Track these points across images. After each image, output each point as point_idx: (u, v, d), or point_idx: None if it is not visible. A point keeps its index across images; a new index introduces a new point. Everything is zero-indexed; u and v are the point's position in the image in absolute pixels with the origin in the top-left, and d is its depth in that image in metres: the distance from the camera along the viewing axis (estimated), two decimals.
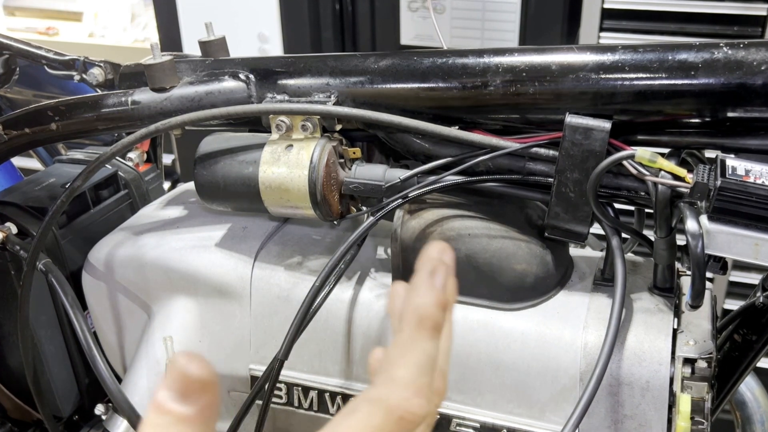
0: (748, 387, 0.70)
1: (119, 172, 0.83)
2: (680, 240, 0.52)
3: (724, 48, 0.52)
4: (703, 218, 0.52)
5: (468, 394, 0.60)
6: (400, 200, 0.60)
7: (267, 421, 0.63)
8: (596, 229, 0.58)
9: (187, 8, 1.76)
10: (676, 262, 0.60)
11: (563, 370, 0.57)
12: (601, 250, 0.64)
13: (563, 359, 0.57)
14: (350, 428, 0.30)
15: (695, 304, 0.54)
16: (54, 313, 0.76)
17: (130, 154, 0.86)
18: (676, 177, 0.53)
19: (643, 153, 0.53)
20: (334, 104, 0.61)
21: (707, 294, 0.56)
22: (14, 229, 0.72)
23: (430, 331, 0.32)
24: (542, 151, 0.58)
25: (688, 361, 0.54)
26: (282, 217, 0.72)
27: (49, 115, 0.67)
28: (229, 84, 0.64)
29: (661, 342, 0.56)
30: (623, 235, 0.58)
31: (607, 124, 0.55)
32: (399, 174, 0.61)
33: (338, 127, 0.62)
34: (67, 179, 0.79)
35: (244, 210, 0.68)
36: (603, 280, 0.61)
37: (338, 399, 0.64)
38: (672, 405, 0.55)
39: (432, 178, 0.60)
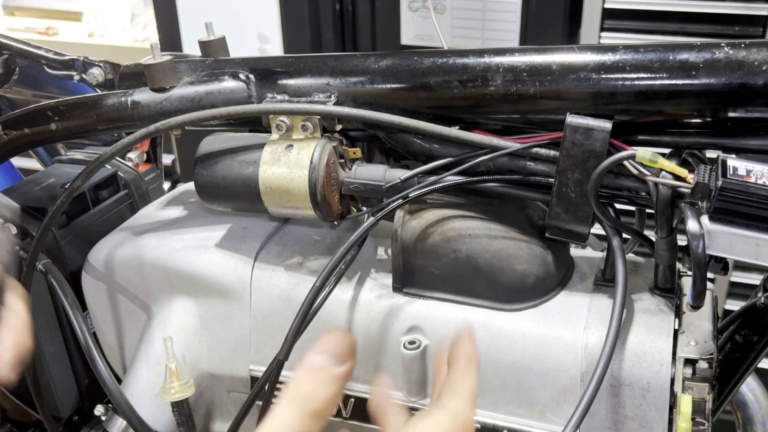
0: (749, 388, 0.70)
1: (119, 173, 0.83)
2: (681, 240, 0.52)
3: (726, 48, 0.52)
4: (704, 218, 0.51)
5: None
6: (400, 200, 0.60)
7: None
8: (597, 229, 0.58)
9: (187, 8, 1.76)
10: (677, 263, 0.60)
11: (564, 370, 0.57)
12: (602, 251, 0.64)
13: (564, 360, 0.57)
14: (426, 428, 0.39)
15: (696, 305, 0.54)
16: (54, 314, 0.75)
17: (130, 155, 0.86)
18: (677, 177, 0.53)
19: (643, 153, 0.53)
20: (334, 104, 0.61)
21: (708, 294, 0.56)
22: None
23: (476, 370, 0.43)
24: (543, 151, 0.58)
25: (689, 362, 0.53)
26: (282, 218, 0.72)
27: (48, 115, 0.67)
28: (229, 84, 0.64)
29: (662, 343, 0.56)
30: (624, 235, 0.58)
31: (607, 124, 0.55)
32: (399, 174, 0.61)
33: (338, 127, 0.62)
34: (67, 179, 0.79)
35: (244, 210, 0.68)
36: (604, 281, 0.61)
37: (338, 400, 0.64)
38: (673, 406, 0.55)
39: (432, 178, 0.60)
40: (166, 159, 1.98)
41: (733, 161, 0.52)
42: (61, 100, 0.67)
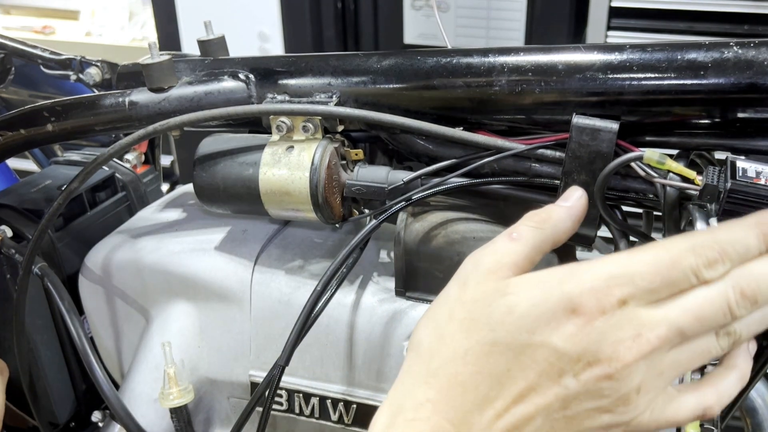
0: (759, 393, 0.69)
1: (117, 174, 0.82)
2: None
3: (734, 47, 0.51)
4: (713, 221, 0.50)
5: None
6: (403, 203, 0.59)
7: (267, 428, 0.62)
8: (604, 232, 0.57)
9: (185, 7, 1.75)
10: None
11: None
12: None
13: None
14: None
15: None
16: (50, 318, 0.75)
17: (128, 156, 0.85)
18: (685, 179, 0.52)
19: (651, 154, 0.52)
20: (335, 105, 0.60)
21: None
22: (9, 232, 0.71)
23: (752, 227, 0.39)
24: (548, 152, 0.57)
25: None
26: (283, 220, 0.71)
27: (45, 115, 0.66)
28: (228, 84, 0.63)
29: None
30: (631, 238, 0.57)
31: (614, 125, 0.54)
32: (402, 176, 0.60)
33: (340, 128, 0.61)
34: (64, 181, 0.78)
35: (244, 212, 0.67)
36: None
37: (340, 406, 0.63)
38: None
39: (436, 180, 0.59)
40: (165, 160, 1.97)
41: (742, 163, 0.51)
42: (58, 100, 0.66)
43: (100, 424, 0.74)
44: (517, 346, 0.37)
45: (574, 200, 0.45)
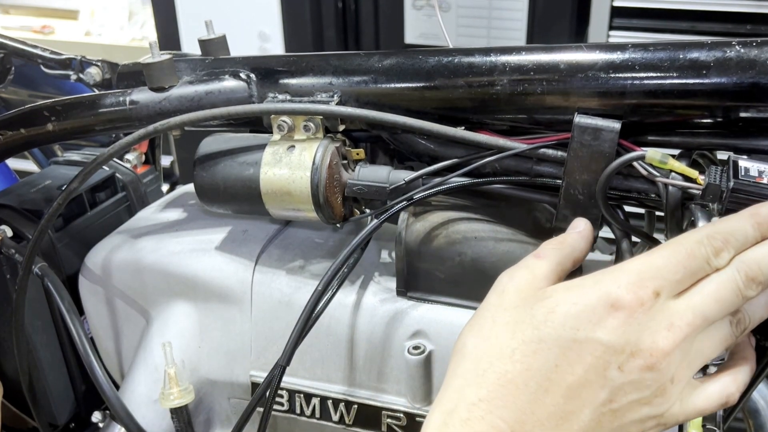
0: (761, 395, 0.68)
1: (117, 174, 0.82)
2: None
3: (737, 47, 0.51)
4: (715, 220, 0.50)
5: None
6: (404, 203, 0.59)
7: (268, 429, 0.62)
8: (605, 232, 0.57)
9: (186, 6, 1.75)
10: None
11: None
12: (611, 254, 0.63)
13: None
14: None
15: None
16: (50, 319, 0.74)
17: (128, 156, 0.85)
18: (687, 178, 0.52)
19: (653, 154, 0.52)
20: (337, 104, 0.59)
21: None
22: (9, 232, 0.71)
23: (749, 217, 0.43)
24: (550, 152, 0.57)
25: (700, 368, 0.52)
26: (284, 220, 0.71)
27: (44, 115, 0.66)
28: (229, 83, 0.63)
29: None
30: (633, 238, 0.57)
31: (616, 125, 0.54)
32: (403, 176, 0.60)
33: (341, 128, 0.61)
34: (64, 181, 0.78)
35: (244, 212, 0.67)
36: None
37: (341, 406, 0.63)
38: None
39: (437, 179, 0.59)
40: (165, 160, 1.97)
41: (744, 162, 0.51)
42: (58, 99, 0.66)
43: (100, 425, 0.74)
44: (563, 342, 0.40)
45: (583, 226, 0.51)
